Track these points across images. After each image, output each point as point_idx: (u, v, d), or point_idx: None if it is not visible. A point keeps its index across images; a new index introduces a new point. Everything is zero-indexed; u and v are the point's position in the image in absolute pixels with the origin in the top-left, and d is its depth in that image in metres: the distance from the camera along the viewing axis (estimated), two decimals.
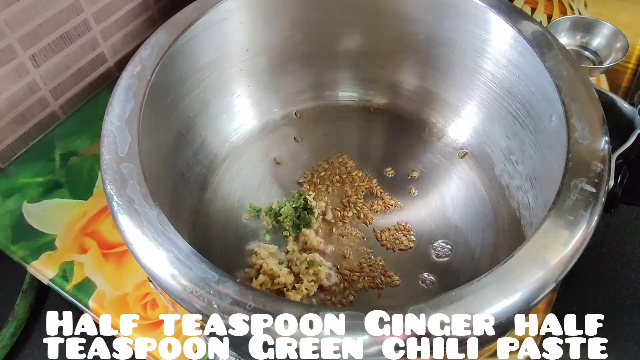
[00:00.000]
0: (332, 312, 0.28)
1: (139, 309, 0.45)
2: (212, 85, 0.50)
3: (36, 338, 0.48)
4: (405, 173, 0.53)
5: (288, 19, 0.51)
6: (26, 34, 0.52)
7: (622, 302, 0.49)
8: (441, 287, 0.45)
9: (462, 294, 0.29)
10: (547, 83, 0.40)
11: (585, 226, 0.32)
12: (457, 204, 0.50)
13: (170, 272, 0.30)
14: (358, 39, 0.55)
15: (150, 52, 0.42)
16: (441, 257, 0.46)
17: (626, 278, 0.51)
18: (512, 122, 0.47)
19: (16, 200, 0.52)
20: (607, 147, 0.36)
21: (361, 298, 0.45)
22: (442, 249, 0.46)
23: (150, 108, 0.39)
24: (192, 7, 0.46)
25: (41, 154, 0.57)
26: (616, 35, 0.59)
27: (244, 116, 0.55)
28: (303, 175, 0.53)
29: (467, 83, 0.51)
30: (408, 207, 0.50)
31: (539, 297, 0.30)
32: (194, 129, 0.50)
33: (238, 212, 0.50)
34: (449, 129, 0.54)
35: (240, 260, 0.46)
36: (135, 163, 0.35)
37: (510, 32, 0.44)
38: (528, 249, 0.31)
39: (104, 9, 0.59)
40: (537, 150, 0.43)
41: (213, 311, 0.29)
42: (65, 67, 0.58)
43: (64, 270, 0.48)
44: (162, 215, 0.33)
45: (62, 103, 0.60)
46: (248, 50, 0.51)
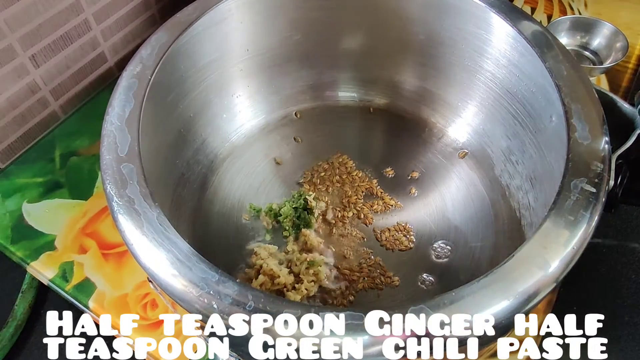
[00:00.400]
0: (332, 312, 0.28)
1: (139, 309, 0.45)
2: (212, 85, 0.50)
3: (36, 338, 0.48)
4: (405, 173, 0.53)
5: (288, 19, 0.51)
6: (26, 34, 0.52)
7: (622, 302, 0.49)
8: (441, 287, 0.45)
9: (462, 294, 0.29)
10: (547, 83, 0.40)
11: (585, 226, 0.32)
12: (457, 204, 0.50)
13: (170, 272, 0.30)
14: (358, 39, 0.55)
15: (150, 52, 0.42)
16: (441, 257, 0.46)
17: (626, 278, 0.51)
18: (512, 122, 0.47)
19: (16, 201, 0.52)
20: (607, 147, 0.36)
21: (361, 298, 0.45)
22: (441, 250, 0.46)
23: (150, 108, 0.40)
24: (193, 7, 0.46)
25: (41, 154, 0.57)
26: (616, 35, 0.59)
27: (244, 116, 0.55)
28: (303, 175, 0.53)
29: (467, 83, 0.51)
30: (408, 207, 0.50)
31: (539, 298, 0.30)
32: (194, 129, 0.50)
33: (238, 212, 0.50)
34: (449, 129, 0.54)
35: (240, 261, 0.46)
36: (135, 163, 0.35)
37: (510, 32, 0.44)
38: (528, 249, 0.31)
39: (104, 9, 0.59)
40: (537, 151, 0.43)
41: (213, 311, 0.29)
42: (65, 67, 0.58)
43: (63, 271, 0.48)
44: (162, 215, 0.33)
45: (62, 103, 0.60)
46: (248, 50, 0.51)
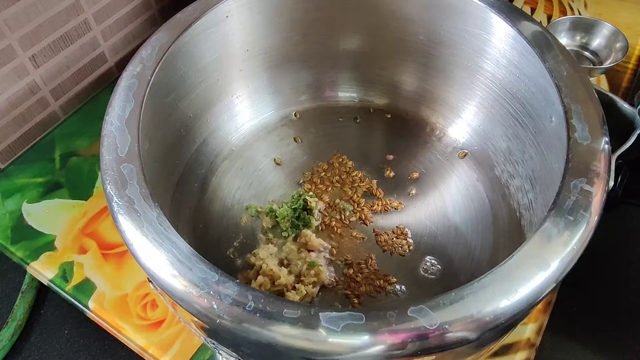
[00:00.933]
0: (332, 312, 0.28)
1: (139, 310, 0.45)
2: (212, 86, 0.50)
3: (36, 338, 0.48)
4: (405, 173, 0.53)
5: (288, 20, 0.51)
6: (26, 35, 0.52)
7: (622, 302, 0.49)
8: (441, 287, 0.45)
9: (462, 294, 0.29)
10: (547, 83, 0.40)
11: (585, 226, 0.32)
12: (457, 205, 0.50)
13: (170, 272, 0.30)
14: (358, 40, 0.55)
15: (150, 52, 0.42)
16: (429, 273, 0.46)
17: (626, 278, 0.51)
18: (512, 123, 0.47)
19: (16, 201, 0.52)
20: (607, 148, 0.36)
21: (361, 298, 0.45)
22: (432, 266, 0.46)
23: (150, 108, 0.40)
24: (193, 7, 0.46)
25: (41, 154, 0.57)
26: (616, 36, 0.59)
27: (244, 116, 0.55)
28: (303, 175, 0.53)
29: (467, 83, 0.51)
30: (408, 208, 0.50)
31: (539, 298, 0.30)
32: (194, 129, 0.50)
33: (238, 213, 0.50)
34: (449, 130, 0.54)
35: (240, 261, 0.46)
36: (135, 163, 0.35)
37: (510, 32, 0.44)
38: (528, 250, 0.31)
39: (104, 9, 0.59)
40: (537, 151, 0.43)
41: (213, 312, 0.29)
42: (65, 67, 0.58)
43: (63, 271, 0.48)
44: (162, 215, 0.33)
45: (62, 103, 0.60)
46: (248, 51, 0.51)
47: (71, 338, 0.48)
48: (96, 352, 0.47)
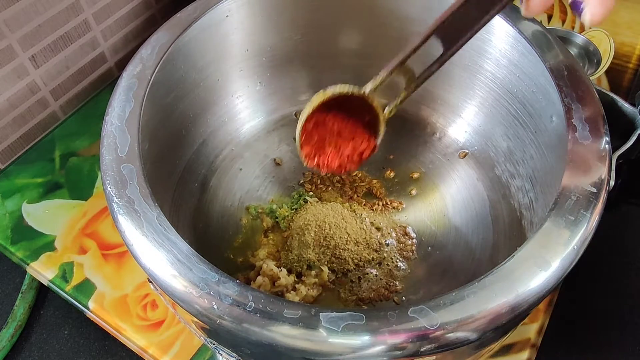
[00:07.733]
0: (332, 313, 0.28)
1: (139, 310, 0.45)
2: (212, 86, 0.50)
3: (36, 339, 0.48)
4: (405, 173, 0.52)
5: (288, 19, 0.51)
6: (26, 35, 0.52)
7: (622, 302, 0.49)
8: (441, 287, 0.45)
9: (462, 294, 0.29)
10: (548, 83, 0.40)
11: (585, 226, 0.32)
12: (458, 205, 0.50)
13: (170, 272, 0.30)
14: (358, 40, 0.55)
15: (150, 52, 0.42)
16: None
17: (626, 278, 0.51)
18: (512, 123, 0.47)
19: (16, 201, 0.52)
20: (608, 147, 0.36)
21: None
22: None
23: (150, 108, 0.39)
24: (193, 7, 0.46)
25: (41, 154, 0.57)
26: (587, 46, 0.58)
27: (244, 116, 0.55)
28: (303, 175, 0.53)
29: (468, 83, 0.51)
30: (408, 208, 0.50)
31: (540, 298, 0.30)
32: (194, 129, 0.50)
33: (238, 213, 0.50)
34: (449, 129, 0.54)
35: (240, 262, 0.46)
36: (135, 164, 0.35)
37: (510, 32, 0.44)
38: (529, 250, 0.31)
39: (104, 9, 0.59)
40: (538, 151, 0.43)
41: (213, 312, 0.29)
42: (65, 67, 0.58)
43: (63, 271, 0.48)
44: (162, 215, 0.33)
45: (62, 103, 0.60)
46: (248, 51, 0.51)
47: (71, 338, 0.48)
48: (96, 352, 0.47)
